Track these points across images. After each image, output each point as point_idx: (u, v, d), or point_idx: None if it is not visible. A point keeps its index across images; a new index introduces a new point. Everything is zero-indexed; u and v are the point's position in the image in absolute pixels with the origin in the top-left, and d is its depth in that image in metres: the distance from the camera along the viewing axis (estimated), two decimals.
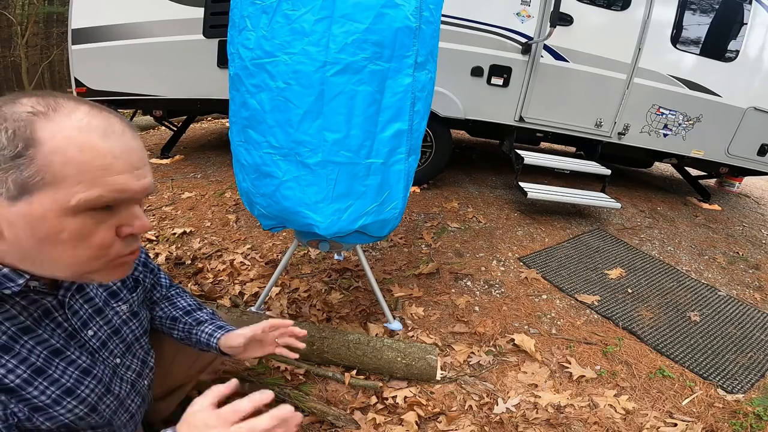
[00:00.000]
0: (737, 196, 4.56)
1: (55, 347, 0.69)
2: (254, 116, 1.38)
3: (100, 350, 0.78)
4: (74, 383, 0.72)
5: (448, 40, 2.96)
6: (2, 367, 0.61)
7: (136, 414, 0.90)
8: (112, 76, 3.44)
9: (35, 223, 0.55)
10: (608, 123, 3.40)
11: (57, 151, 0.53)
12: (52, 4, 13.03)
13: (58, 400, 0.69)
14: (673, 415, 1.59)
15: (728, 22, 3.31)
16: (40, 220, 0.55)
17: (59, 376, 0.69)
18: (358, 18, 1.23)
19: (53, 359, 0.69)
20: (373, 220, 1.48)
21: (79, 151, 0.54)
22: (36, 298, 0.66)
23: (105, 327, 0.80)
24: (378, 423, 1.42)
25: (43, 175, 0.53)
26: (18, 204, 0.54)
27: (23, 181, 0.53)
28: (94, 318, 0.77)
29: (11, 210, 0.54)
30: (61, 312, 0.71)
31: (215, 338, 1.00)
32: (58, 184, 0.54)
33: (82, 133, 0.55)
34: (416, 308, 2.01)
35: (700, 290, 2.46)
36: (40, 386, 0.66)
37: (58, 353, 0.70)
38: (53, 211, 0.55)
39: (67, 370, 0.71)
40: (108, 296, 0.82)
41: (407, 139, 1.43)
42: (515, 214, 3.12)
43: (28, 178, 0.53)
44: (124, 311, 0.85)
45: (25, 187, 0.53)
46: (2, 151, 0.52)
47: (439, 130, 3.29)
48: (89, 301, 0.77)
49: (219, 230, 2.65)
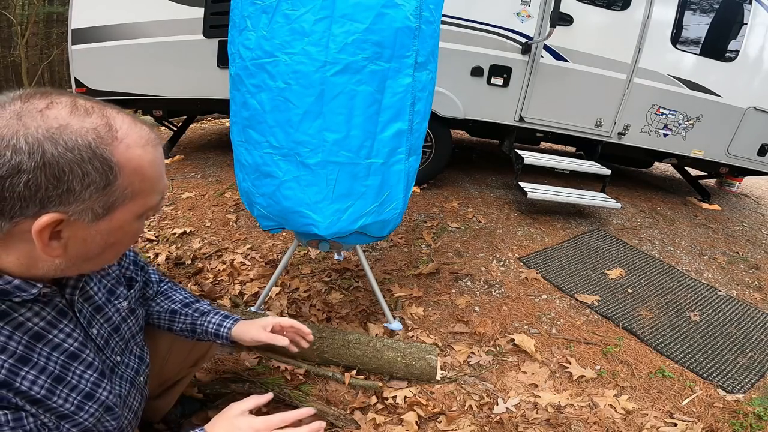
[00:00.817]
0: (737, 196, 4.56)
1: (72, 351, 0.69)
2: (254, 116, 1.38)
3: (104, 349, 0.78)
4: (92, 387, 0.72)
5: (448, 40, 2.96)
6: (25, 379, 0.61)
7: (138, 411, 0.90)
8: (112, 76, 3.44)
9: (111, 233, 0.60)
10: (608, 123, 3.40)
11: (137, 172, 0.58)
12: (52, 4, 13.02)
13: (81, 405, 0.69)
14: (673, 415, 1.59)
15: (728, 22, 3.31)
16: (116, 230, 0.61)
17: (77, 382, 0.69)
18: (358, 18, 1.23)
19: (71, 364, 0.69)
20: (374, 221, 1.48)
21: (150, 166, 0.60)
22: (50, 299, 0.66)
23: (106, 325, 0.80)
24: (378, 423, 1.42)
25: (125, 195, 0.58)
26: (100, 222, 0.58)
27: (110, 204, 0.58)
28: (95, 316, 0.78)
29: (91, 229, 0.58)
30: (72, 312, 0.71)
31: (226, 328, 1.05)
32: (137, 197, 0.60)
33: (146, 149, 0.60)
34: (416, 308, 2.01)
35: (700, 290, 2.46)
36: (62, 394, 0.66)
37: (75, 357, 0.70)
38: (128, 220, 0.61)
39: (85, 374, 0.71)
40: (108, 294, 0.82)
41: (407, 139, 1.43)
42: (515, 214, 3.12)
43: (114, 201, 0.58)
44: (124, 308, 0.85)
45: (110, 208, 0.58)
46: (93, 185, 0.54)
47: (439, 130, 3.29)
48: (89, 299, 0.77)
49: (219, 230, 2.65)
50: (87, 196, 0.54)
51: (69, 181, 0.52)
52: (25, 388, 0.61)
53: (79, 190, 0.53)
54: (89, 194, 0.54)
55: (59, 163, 0.51)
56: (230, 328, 1.05)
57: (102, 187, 0.55)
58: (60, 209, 0.53)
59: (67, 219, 0.55)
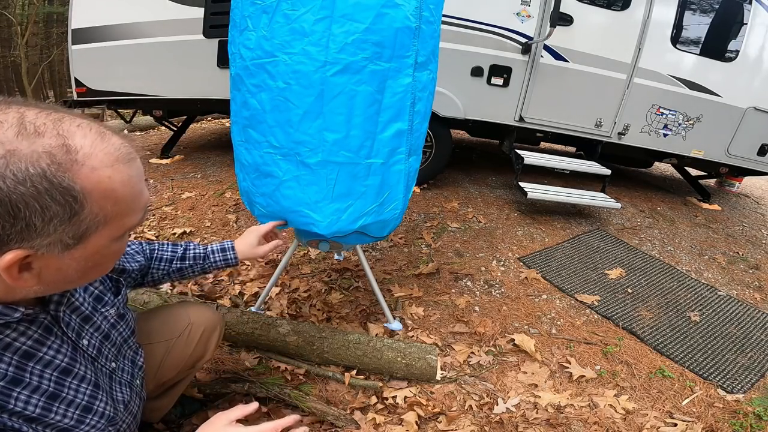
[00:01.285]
0: (737, 196, 4.56)
1: (64, 366, 0.68)
2: (255, 116, 1.38)
3: (98, 358, 0.78)
4: (89, 399, 0.71)
5: (449, 40, 2.96)
6: (18, 400, 0.60)
7: (137, 414, 0.90)
8: (112, 76, 3.44)
9: (88, 258, 0.56)
10: (608, 123, 3.41)
11: (107, 196, 0.53)
12: (52, 4, 13.03)
13: (81, 419, 0.69)
14: (673, 415, 1.59)
15: (728, 22, 3.31)
16: (93, 255, 0.56)
17: (73, 396, 0.69)
18: (358, 18, 1.23)
19: (65, 380, 0.68)
20: (374, 221, 1.47)
21: (124, 186, 0.55)
22: (33, 318, 0.65)
23: (96, 334, 0.79)
24: (378, 423, 1.42)
25: (97, 222, 0.53)
26: (72, 250, 0.54)
27: (81, 233, 0.53)
28: (84, 326, 0.76)
29: (64, 258, 0.54)
30: (57, 327, 0.70)
31: (232, 255, 1.21)
32: (112, 221, 0.55)
33: (116, 168, 0.53)
34: (416, 308, 2.01)
35: (700, 290, 2.46)
36: (59, 410, 0.66)
37: (67, 372, 0.69)
38: (105, 244, 0.57)
39: (80, 388, 0.70)
40: (95, 302, 0.81)
41: (407, 140, 1.43)
42: (515, 214, 3.12)
43: (86, 230, 0.53)
44: (112, 315, 0.84)
45: (82, 237, 0.53)
46: (56, 218, 0.49)
47: (439, 130, 3.29)
48: (75, 310, 0.75)
49: (219, 230, 2.65)
50: (52, 230, 0.49)
51: (27, 218, 0.47)
52: (19, 409, 0.60)
53: (40, 225, 0.48)
54: (53, 228, 0.49)
55: (11, 199, 0.45)
56: (236, 257, 1.21)
57: (67, 218, 0.50)
58: (24, 245, 0.49)
59: (33, 254, 0.50)
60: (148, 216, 2.83)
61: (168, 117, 3.99)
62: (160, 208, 2.91)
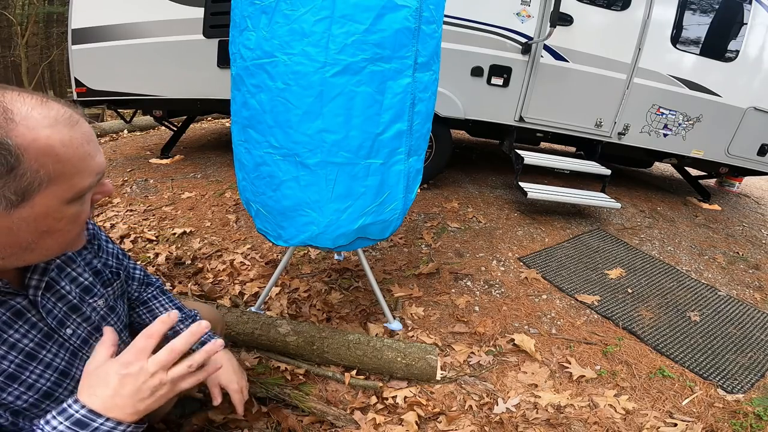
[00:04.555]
0: (737, 196, 4.56)
1: (28, 351, 0.69)
2: (255, 116, 1.38)
3: (82, 348, 0.77)
4: (51, 386, 0.71)
5: (448, 40, 2.96)
6: None
7: None
8: (112, 76, 3.44)
9: (39, 220, 0.58)
10: (608, 123, 3.40)
11: (46, 153, 0.55)
12: (52, 4, 13.02)
13: (37, 403, 0.69)
14: (673, 415, 1.59)
15: (728, 22, 3.31)
16: (43, 217, 0.58)
17: (34, 381, 0.69)
18: (358, 18, 1.23)
19: (29, 363, 0.68)
20: (374, 221, 1.48)
21: (64, 146, 0.56)
22: (3, 300, 0.66)
23: (84, 324, 0.78)
24: (378, 423, 1.42)
25: (39, 179, 0.55)
26: (19, 209, 0.55)
27: (24, 189, 0.54)
28: (71, 316, 0.76)
29: (12, 217, 0.56)
30: (34, 312, 0.70)
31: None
32: (57, 180, 0.57)
33: (56, 128, 0.56)
34: (416, 308, 2.01)
35: (700, 290, 2.46)
36: (15, 392, 0.66)
37: (32, 357, 0.69)
38: (54, 205, 0.58)
39: (45, 374, 0.70)
40: (82, 292, 0.81)
41: (407, 140, 1.43)
42: (515, 214, 3.12)
43: (28, 186, 0.54)
44: (101, 306, 0.84)
45: (26, 193, 0.55)
46: None
47: (439, 130, 3.29)
48: (62, 298, 0.75)
49: (219, 230, 2.65)
50: None
51: None
52: None
53: None
54: None
55: None
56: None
57: (5, 172, 0.52)
58: None
59: None
60: (148, 216, 2.83)
61: (168, 117, 3.99)
62: (160, 208, 2.91)
